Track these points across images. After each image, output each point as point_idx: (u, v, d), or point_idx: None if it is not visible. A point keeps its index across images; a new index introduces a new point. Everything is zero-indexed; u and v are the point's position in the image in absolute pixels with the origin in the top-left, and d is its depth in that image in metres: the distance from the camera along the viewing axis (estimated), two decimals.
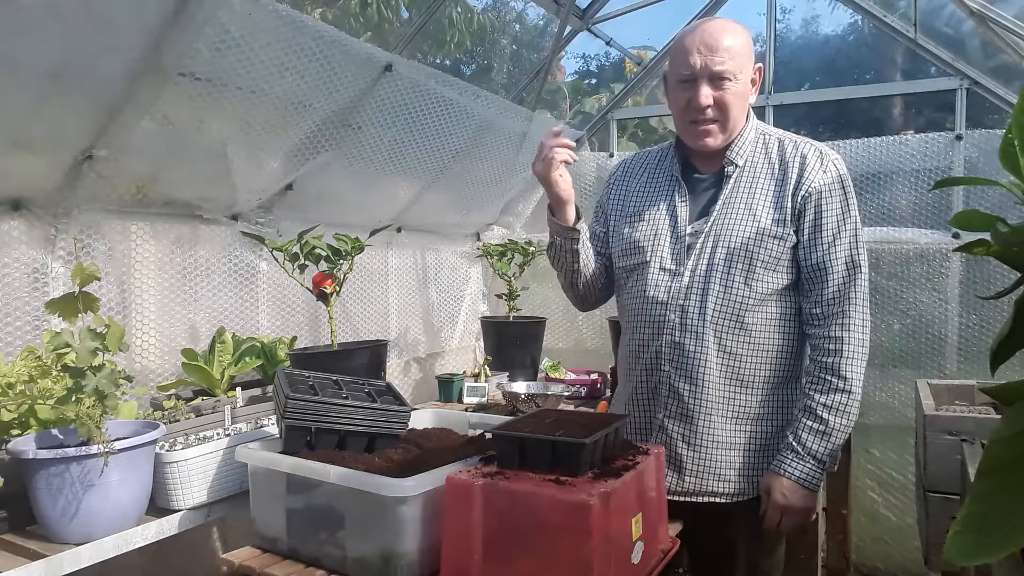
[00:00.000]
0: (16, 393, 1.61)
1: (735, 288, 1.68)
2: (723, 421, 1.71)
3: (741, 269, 1.67)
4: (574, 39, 3.77)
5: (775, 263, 1.68)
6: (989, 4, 2.69)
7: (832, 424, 1.63)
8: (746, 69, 1.70)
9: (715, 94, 1.68)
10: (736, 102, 1.70)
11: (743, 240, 1.67)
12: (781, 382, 1.73)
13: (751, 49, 1.72)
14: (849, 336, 1.63)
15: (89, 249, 2.06)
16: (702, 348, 1.69)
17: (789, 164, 1.71)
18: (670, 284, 1.74)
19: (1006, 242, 0.87)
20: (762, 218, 1.68)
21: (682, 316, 1.71)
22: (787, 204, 1.68)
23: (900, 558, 3.24)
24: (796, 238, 1.68)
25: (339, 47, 2.17)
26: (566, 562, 1.20)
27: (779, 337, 1.71)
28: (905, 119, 3.72)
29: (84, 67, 1.69)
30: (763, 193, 1.71)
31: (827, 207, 1.67)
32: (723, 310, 1.68)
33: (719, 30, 1.66)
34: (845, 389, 1.63)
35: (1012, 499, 0.70)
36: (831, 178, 1.68)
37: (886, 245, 3.18)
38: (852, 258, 1.66)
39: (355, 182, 2.76)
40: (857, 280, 1.66)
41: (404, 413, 1.64)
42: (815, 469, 1.63)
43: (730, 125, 1.72)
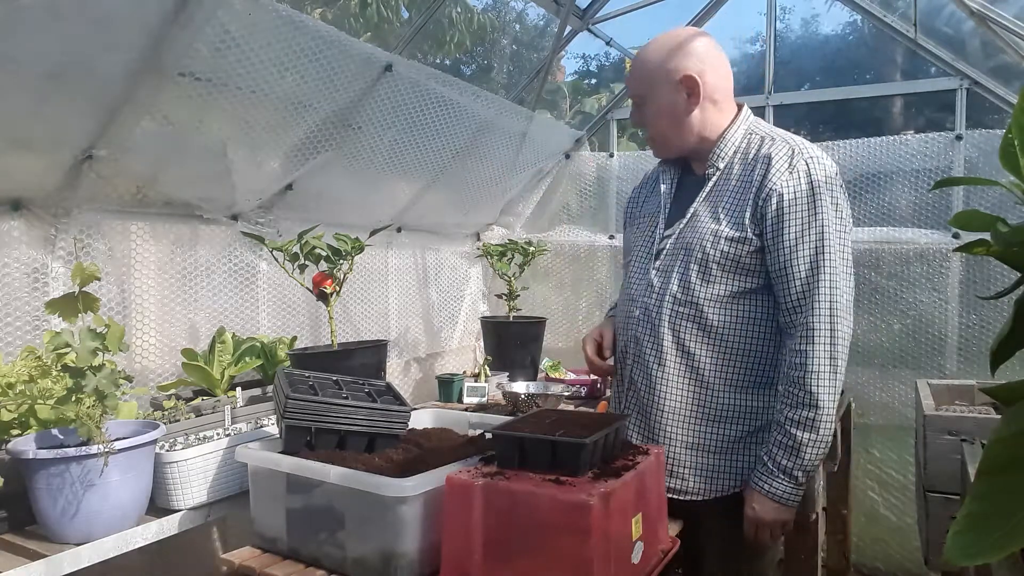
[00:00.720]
0: (16, 393, 1.61)
1: (692, 288, 1.68)
2: (678, 419, 1.70)
3: (697, 270, 1.67)
4: (574, 39, 3.77)
5: (733, 265, 1.65)
6: (989, 4, 2.69)
7: (801, 439, 1.57)
8: (655, 88, 1.73)
9: (638, 115, 1.80)
10: (656, 121, 1.76)
11: (702, 243, 1.67)
12: (750, 385, 1.68)
13: (656, 69, 1.73)
14: (812, 349, 1.57)
15: (89, 249, 2.06)
16: (658, 345, 1.72)
17: (757, 164, 1.67)
18: (641, 283, 1.79)
19: (1006, 242, 0.87)
20: (723, 220, 1.67)
21: (644, 313, 1.76)
22: (747, 206, 1.64)
23: (900, 558, 3.24)
24: (760, 241, 1.64)
25: (339, 47, 2.17)
26: (566, 562, 1.20)
27: (747, 340, 1.67)
28: (905, 119, 3.72)
29: (84, 67, 1.69)
30: (731, 195, 1.69)
31: (790, 209, 1.60)
32: (681, 310, 1.69)
33: (638, 53, 1.77)
34: (810, 404, 1.56)
35: (1012, 499, 0.70)
36: (796, 178, 1.61)
37: (886, 245, 3.18)
38: (817, 263, 1.59)
39: (355, 182, 2.76)
40: (822, 287, 1.58)
41: (404, 413, 1.64)
42: (787, 484, 1.59)
43: (665, 139, 1.78)
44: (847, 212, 1.67)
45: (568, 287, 3.92)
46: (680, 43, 1.72)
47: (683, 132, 1.75)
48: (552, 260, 3.89)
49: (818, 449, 1.58)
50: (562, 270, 3.90)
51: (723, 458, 1.69)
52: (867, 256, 3.22)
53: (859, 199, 3.27)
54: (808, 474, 1.60)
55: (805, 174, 1.62)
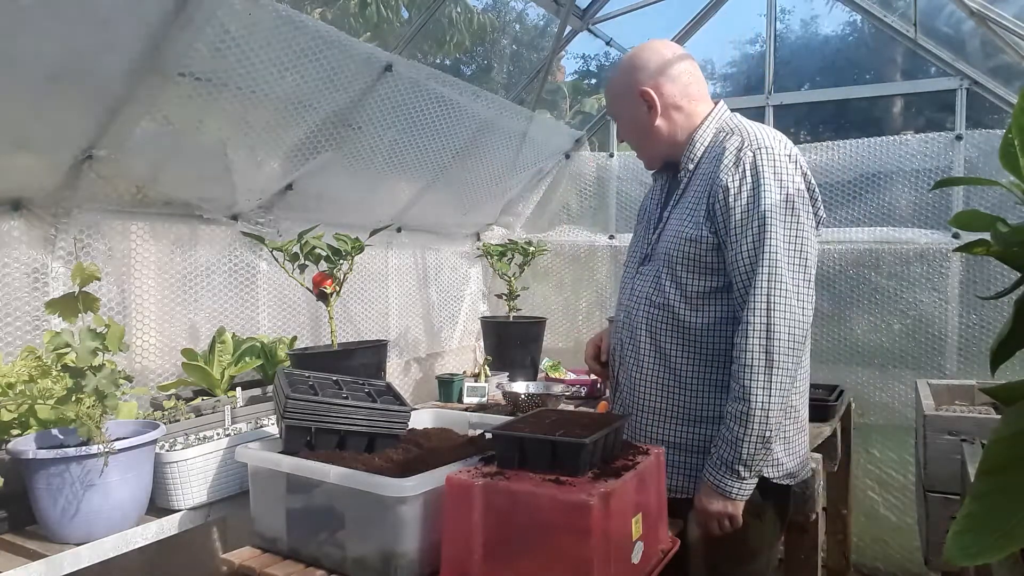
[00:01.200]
0: (16, 393, 1.61)
1: (665, 291, 1.71)
2: (658, 418, 1.72)
3: (667, 272, 1.71)
4: (574, 39, 3.77)
5: (695, 265, 1.65)
6: (989, 4, 2.69)
7: (736, 433, 1.54)
8: (625, 106, 1.80)
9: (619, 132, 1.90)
10: (628, 136, 1.86)
11: (667, 245, 1.72)
12: (719, 387, 1.67)
13: (624, 86, 1.79)
14: (746, 343, 1.54)
15: (89, 249, 2.06)
16: (637, 348, 1.76)
17: (715, 161, 1.66)
18: (625, 287, 1.86)
19: (1006, 242, 0.87)
20: (684, 220, 1.69)
21: (627, 316, 1.80)
22: (703, 204, 1.65)
23: (900, 558, 3.24)
24: (716, 239, 1.63)
25: (339, 47, 2.17)
26: (566, 562, 1.20)
27: (721, 339, 1.66)
28: (905, 119, 3.72)
29: (84, 67, 1.69)
30: (693, 195, 1.71)
31: (735, 202, 1.58)
32: (656, 312, 1.73)
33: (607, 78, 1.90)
34: (743, 398, 1.53)
35: (1012, 499, 0.70)
36: (742, 171, 1.59)
37: (886, 245, 3.18)
38: (758, 258, 1.55)
39: (355, 182, 2.76)
40: (760, 281, 1.54)
41: (404, 413, 1.64)
42: (728, 477, 1.56)
43: (644, 150, 1.86)
44: (802, 202, 1.60)
45: (568, 287, 3.92)
46: (636, 60, 1.79)
47: (652, 143, 1.81)
48: (552, 260, 3.90)
49: (754, 446, 1.54)
50: (562, 270, 3.91)
51: (704, 457, 1.67)
52: (867, 256, 3.22)
53: (859, 199, 3.27)
54: (751, 470, 1.56)
55: (751, 165, 1.59)
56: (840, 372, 3.26)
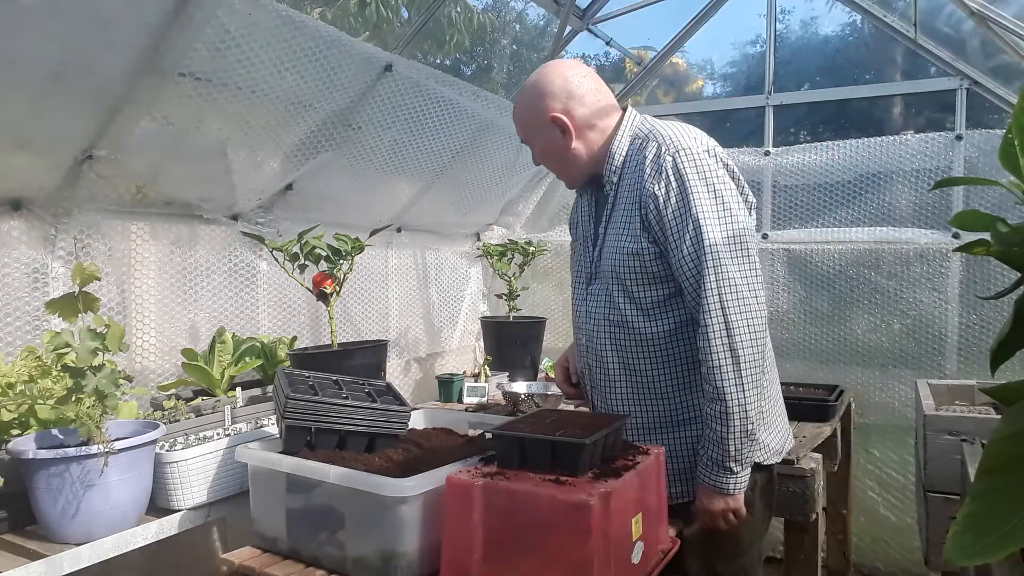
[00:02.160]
0: (16, 393, 1.61)
1: (620, 308, 1.69)
2: (644, 432, 1.72)
3: (618, 288, 1.69)
4: (574, 39, 3.77)
5: (643, 278, 1.65)
6: (989, 4, 2.69)
7: (719, 432, 1.57)
8: (536, 130, 1.77)
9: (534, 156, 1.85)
10: (545, 160, 1.83)
11: (611, 260, 1.69)
12: (693, 389, 1.69)
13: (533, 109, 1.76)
14: (708, 344, 1.55)
15: (89, 249, 2.06)
16: (605, 368, 1.75)
17: (638, 170, 1.66)
18: (578, 309, 1.83)
19: (1006, 242, 0.87)
20: (621, 235, 1.67)
21: (588, 339, 1.78)
22: (636, 215, 1.64)
23: (900, 558, 3.24)
24: (657, 247, 1.63)
25: (339, 47, 2.17)
26: (566, 562, 1.20)
27: (682, 346, 1.67)
28: (905, 119, 3.72)
29: (84, 67, 1.69)
30: (621, 207, 1.70)
31: (665, 209, 1.59)
32: (617, 330, 1.71)
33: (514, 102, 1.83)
34: (718, 398, 1.55)
35: (1012, 499, 0.70)
36: (665, 176, 1.59)
37: (886, 245, 3.18)
38: (699, 258, 1.56)
39: (355, 182, 2.76)
40: (708, 280, 1.54)
41: (404, 413, 1.64)
42: (721, 474, 1.59)
43: (559, 175, 1.86)
44: (730, 194, 1.61)
45: (568, 287, 3.91)
46: (541, 86, 1.75)
47: (570, 165, 1.79)
48: (552, 260, 3.90)
49: (739, 440, 1.56)
50: (562, 270, 3.90)
51: (694, 460, 1.69)
52: (867, 256, 3.22)
53: (859, 199, 3.27)
54: (742, 463, 1.59)
55: (672, 169, 1.59)
56: (840, 372, 3.26)
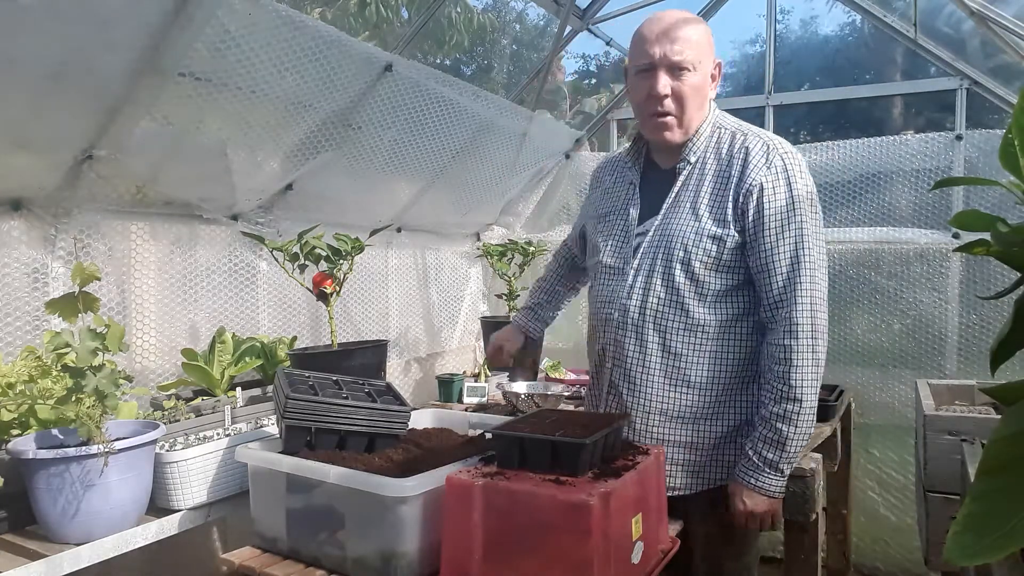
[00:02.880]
0: (16, 393, 1.61)
1: (679, 289, 1.65)
2: (664, 420, 1.69)
3: (682, 270, 1.65)
4: (574, 39, 3.77)
5: (716, 263, 1.64)
6: (989, 4, 2.69)
7: (785, 433, 1.58)
8: (705, 61, 1.66)
9: (673, 84, 1.64)
10: (693, 95, 1.66)
11: (683, 240, 1.65)
12: (735, 383, 1.69)
13: (711, 42, 1.69)
14: (796, 344, 1.57)
15: (89, 249, 2.06)
16: (642, 347, 1.69)
17: (735, 160, 1.65)
18: (615, 284, 1.75)
19: (1006, 242, 0.87)
20: (703, 217, 1.65)
21: (623, 315, 1.71)
22: (728, 202, 1.63)
23: (900, 558, 3.23)
24: (740, 237, 1.63)
25: (339, 47, 2.17)
26: (566, 562, 1.20)
27: (732, 339, 1.67)
28: (905, 119, 3.72)
29: (84, 67, 1.69)
30: (707, 191, 1.67)
31: (770, 205, 1.60)
32: (666, 310, 1.67)
33: (679, 20, 1.64)
34: (794, 398, 1.57)
35: (1012, 499, 0.70)
36: (775, 173, 1.61)
37: (886, 245, 3.18)
38: (797, 258, 1.59)
39: (355, 182, 2.76)
40: (803, 282, 1.58)
41: (404, 413, 1.64)
42: (773, 477, 1.61)
43: (686, 118, 1.68)
44: (819, 207, 1.67)
45: None
46: (708, 31, 1.71)
47: (700, 115, 1.70)
48: None
49: (801, 441, 1.60)
50: None
51: (711, 454, 1.70)
52: (867, 256, 3.21)
53: (859, 199, 3.27)
54: (792, 465, 1.63)
55: (782, 169, 1.62)
56: (840, 372, 3.25)
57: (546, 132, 3.49)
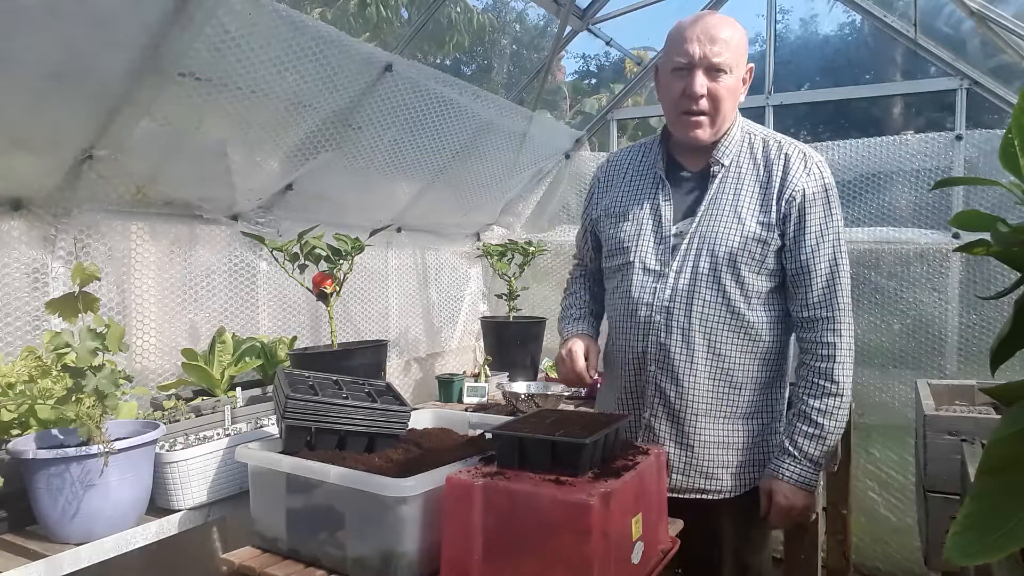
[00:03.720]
0: (16, 393, 1.61)
1: (726, 290, 1.68)
2: (712, 421, 1.72)
3: (728, 272, 1.67)
4: (574, 39, 3.77)
5: (759, 266, 1.69)
6: (989, 4, 2.69)
7: (826, 427, 1.66)
8: (741, 65, 1.70)
9: (710, 85, 1.66)
10: (728, 97, 1.68)
11: (728, 243, 1.67)
12: (770, 382, 1.76)
13: (746, 47, 1.72)
14: (840, 341, 1.67)
15: (89, 249, 2.06)
16: (689, 350, 1.70)
17: (774, 166, 1.70)
18: (655, 286, 1.73)
19: (1006, 242, 0.87)
20: (747, 221, 1.68)
21: (668, 318, 1.71)
22: (772, 207, 1.68)
23: (900, 558, 3.24)
24: (781, 241, 1.69)
25: (339, 47, 2.17)
26: (566, 562, 1.20)
27: (770, 338, 1.73)
28: (905, 119, 3.72)
29: (84, 67, 1.69)
30: (748, 195, 1.70)
31: (811, 210, 1.67)
32: (713, 313, 1.69)
33: (719, 22, 1.67)
34: (838, 393, 1.67)
35: (1012, 499, 0.70)
36: (815, 181, 1.68)
37: (886, 245, 3.18)
38: (836, 261, 1.68)
39: (355, 182, 2.76)
40: (841, 283, 1.68)
41: (404, 413, 1.64)
42: (812, 471, 1.67)
43: (719, 119, 1.70)
44: None
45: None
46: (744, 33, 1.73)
47: (728, 115, 1.72)
48: (552, 260, 3.89)
49: (837, 435, 1.69)
50: (562, 270, 3.90)
51: (749, 454, 1.74)
52: (867, 256, 3.21)
53: (859, 199, 3.27)
54: (828, 458, 1.71)
55: (819, 176, 1.69)
56: None
57: (546, 132, 3.49)
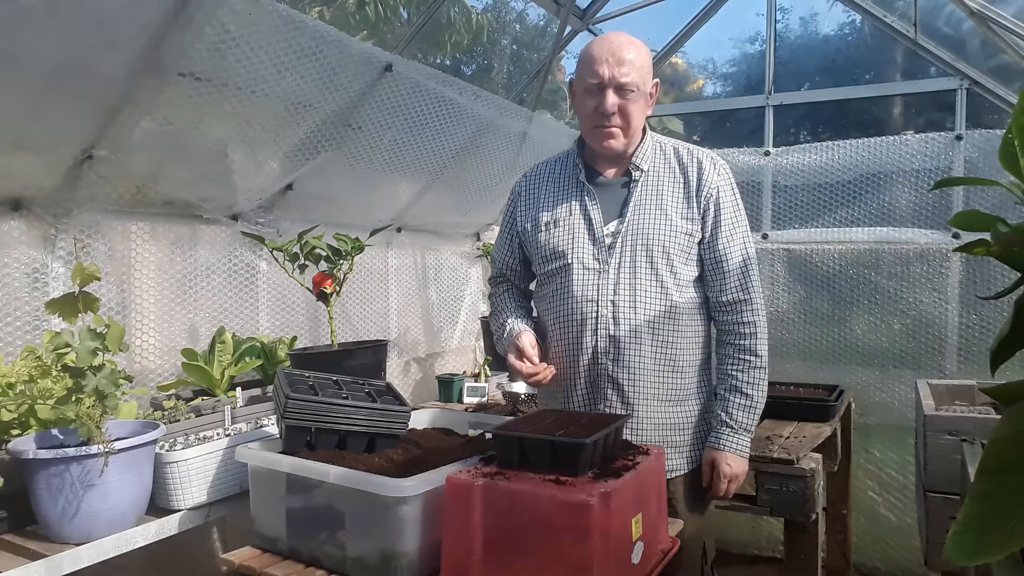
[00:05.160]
0: (16, 393, 1.61)
1: (663, 280, 1.82)
2: (660, 405, 1.84)
3: (663, 262, 1.82)
4: (574, 39, 3.77)
5: (686, 256, 1.84)
6: (989, 4, 2.69)
7: (756, 398, 1.84)
8: (647, 82, 1.83)
9: (620, 102, 1.80)
10: (636, 112, 1.83)
11: (660, 237, 1.82)
12: (704, 363, 1.92)
13: (651, 66, 1.86)
14: (758, 320, 1.85)
15: (89, 249, 2.06)
16: (637, 339, 1.81)
17: (688, 168, 1.88)
18: (597, 282, 1.84)
19: (1006, 242, 0.87)
20: (673, 217, 1.84)
21: (614, 311, 1.82)
22: (693, 204, 1.85)
23: (900, 558, 3.24)
24: (701, 234, 1.86)
25: (339, 47, 2.17)
26: (566, 562, 1.20)
27: (700, 322, 1.89)
28: (905, 119, 3.72)
29: (84, 67, 1.69)
30: (670, 194, 1.87)
31: (723, 206, 1.85)
32: (655, 302, 1.82)
33: (625, 44, 1.80)
34: (762, 366, 1.85)
35: (1012, 499, 0.70)
36: (725, 181, 1.88)
37: (886, 245, 3.18)
38: (746, 250, 1.86)
39: (355, 182, 2.76)
40: (753, 269, 1.86)
41: (404, 413, 1.64)
42: (747, 439, 1.85)
43: (631, 131, 1.85)
44: None
45: None
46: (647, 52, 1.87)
47: (637, 131, 1.88)
48: None
49: (763, 404, 1.86)
50: None
51: (692, 434, 1.89)
52: (867, 256, 3.22)
53: (859, 199, 3.27)
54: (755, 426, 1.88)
55: (727, 177, 1.89)
56: (840, 372, 3.26)
57: (546, 132, 3.49)
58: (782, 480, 2.17)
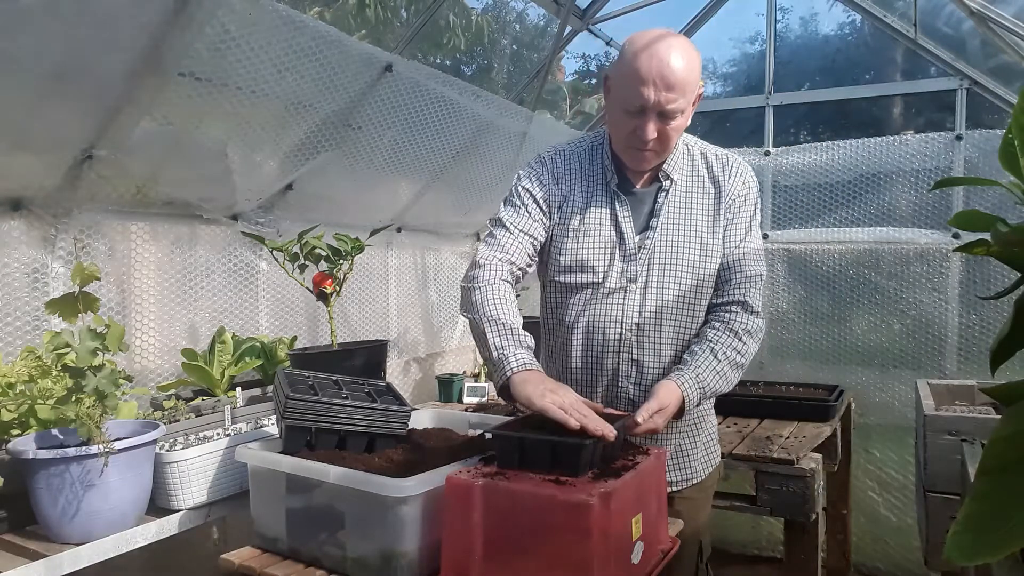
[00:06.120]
0: (16, 393, 1.61)
1: (689, 301, 1.71)
2: (679, 425, 1.76)
3: (691, 284, 1.69)
4: (574, 39, 3.77)
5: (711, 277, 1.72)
6: (989, 4, 2.69)
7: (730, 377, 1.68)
8: (693, 93, 1.61)
9: (659, 127, 1.60)
10: (676, 133, 1.64)
11: (689, 257, 1.70)
12: None
13: (699, 71, 1.62)
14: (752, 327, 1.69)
15: (89, 249, 2.06)
16: (660, 361, 1.71)
17: (718, 178, 1.75)
18: (623, 302, 1.70)
19: (1006, 242, 0.87)
20: (703, 234, 1.72)
21: (639, 335, 1.70)
22: (720, 217, 1.73)
23: (900, 558, 3.24)
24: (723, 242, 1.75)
25: (339, 47, 2.17)
26: (566, 562, 1.20)
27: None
28: (905, 119, 3.72)
29: (84, 67, 1.69)
30: (699, 208, 1.74)
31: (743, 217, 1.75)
32: (683, 324, 1.71)
33: (676, 62, 1.54)
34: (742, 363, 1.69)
35: (1012, 499, 0.70)
36: (748, 188, 1.76)
37: (886, 245, 3.18)
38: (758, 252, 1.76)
39: (355, 182, 2.76)
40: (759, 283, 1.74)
41: (404, 413, 1.64)
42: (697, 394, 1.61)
43: (666, 152, 1.69)
44: None
45: None
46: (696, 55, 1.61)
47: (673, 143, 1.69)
48: None
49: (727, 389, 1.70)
50: None
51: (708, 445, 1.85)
52: (867, 256, 3.22)
53: (859, 199, 3.27)
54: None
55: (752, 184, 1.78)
56: (840, 372, 3.26)
57: (546, 132, 3.50)
58: (782, 480, 2.17)
